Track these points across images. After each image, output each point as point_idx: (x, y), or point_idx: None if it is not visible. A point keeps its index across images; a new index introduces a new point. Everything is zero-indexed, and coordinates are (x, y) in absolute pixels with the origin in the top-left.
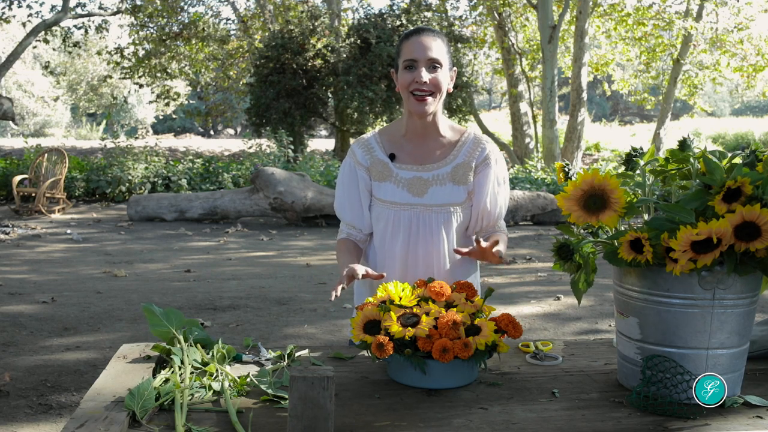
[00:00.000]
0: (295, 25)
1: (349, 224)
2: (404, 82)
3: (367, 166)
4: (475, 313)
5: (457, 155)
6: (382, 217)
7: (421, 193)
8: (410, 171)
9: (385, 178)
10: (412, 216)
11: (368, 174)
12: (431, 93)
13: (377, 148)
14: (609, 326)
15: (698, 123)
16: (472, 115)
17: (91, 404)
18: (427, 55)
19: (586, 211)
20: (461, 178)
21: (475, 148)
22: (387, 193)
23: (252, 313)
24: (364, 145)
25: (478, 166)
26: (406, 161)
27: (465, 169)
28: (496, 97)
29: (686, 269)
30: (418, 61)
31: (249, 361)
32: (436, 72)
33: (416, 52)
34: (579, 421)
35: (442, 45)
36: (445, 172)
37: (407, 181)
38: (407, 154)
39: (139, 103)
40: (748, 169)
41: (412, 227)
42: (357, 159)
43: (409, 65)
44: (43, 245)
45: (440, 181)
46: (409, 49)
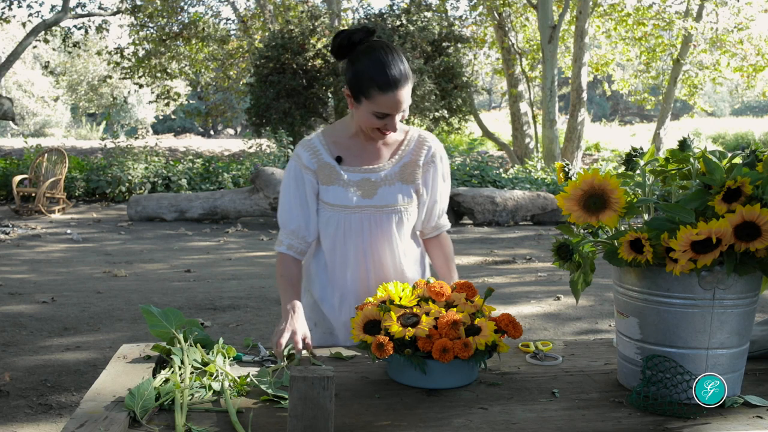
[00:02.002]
0: (295, 25)
1: (292, 233)
2: (372, 123)
3: (314, 170)
4: (475, 313)
5: (404, 155)
6: (332, 222)
7: (370, 194)
8: (358, 173)
9: (332, 181)
10: (363, 218)
11: (315, 177)
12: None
13: (323, 151)
14: (609, 326)
15: (698, 123)
16: (472, 115)
17: (91, 404)
18: (402, 108)
19: (587, 211)
20: (409, 177)
21: (421, 147)
22: (336, 196)
23: (252, 313)
24: (310, 148)
25: (426, 164)
26: (353, 163)
27: (413, 167)
28: (496, 97)
29: (686, 269)
30: (392, 116)
31: (249, 361)
32: (402, 113)
33: (394, 108)
34: (579, 421)
35: (411, 83)
36: (394, 172)
37: (355, 183)
38: (354, 156)
39: (139, 103)
40: (748, 169)
41: (364, 230)
42: (303, 162)
43: (382, 117)
44: (43, 245)
45: (389, 181)
46: (386, 104)
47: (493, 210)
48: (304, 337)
